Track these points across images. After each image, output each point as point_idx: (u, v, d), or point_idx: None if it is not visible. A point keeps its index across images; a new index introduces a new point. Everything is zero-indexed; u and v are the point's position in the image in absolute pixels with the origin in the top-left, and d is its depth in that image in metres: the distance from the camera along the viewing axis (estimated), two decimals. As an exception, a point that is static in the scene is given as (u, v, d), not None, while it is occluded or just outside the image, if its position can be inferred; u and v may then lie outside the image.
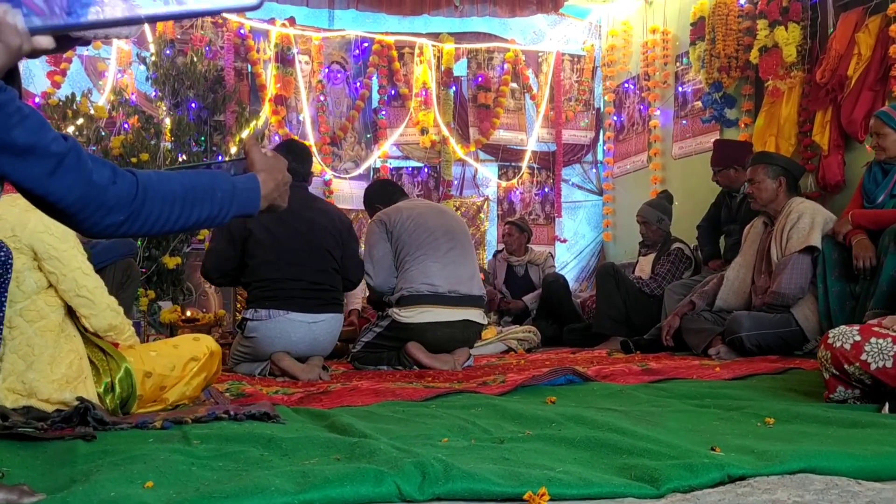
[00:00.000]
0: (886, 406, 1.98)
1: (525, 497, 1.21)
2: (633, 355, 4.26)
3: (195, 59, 5.91)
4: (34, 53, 1.14)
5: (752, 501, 1.17)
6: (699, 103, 6.20)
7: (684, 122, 6.56)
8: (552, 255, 6.81)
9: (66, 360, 2.04)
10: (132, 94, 6.05)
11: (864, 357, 2.03)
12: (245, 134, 6.05)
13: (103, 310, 2.13)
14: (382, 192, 4.28)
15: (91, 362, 2.12)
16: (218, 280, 3.82)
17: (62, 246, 2.06)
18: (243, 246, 3.55)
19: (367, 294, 4.21)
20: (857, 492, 1.22)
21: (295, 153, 3.71)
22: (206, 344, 2.40)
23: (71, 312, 2.13)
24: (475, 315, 3.91)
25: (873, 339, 2.03)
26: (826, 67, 4.70)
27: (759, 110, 5.42)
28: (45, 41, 1.12)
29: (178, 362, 2.28)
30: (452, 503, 1.23)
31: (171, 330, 4.66)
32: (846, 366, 2.07)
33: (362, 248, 4.11)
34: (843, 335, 2.09)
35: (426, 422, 2.00)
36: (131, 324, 2.29)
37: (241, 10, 1.72)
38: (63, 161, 1.16)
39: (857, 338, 2.05)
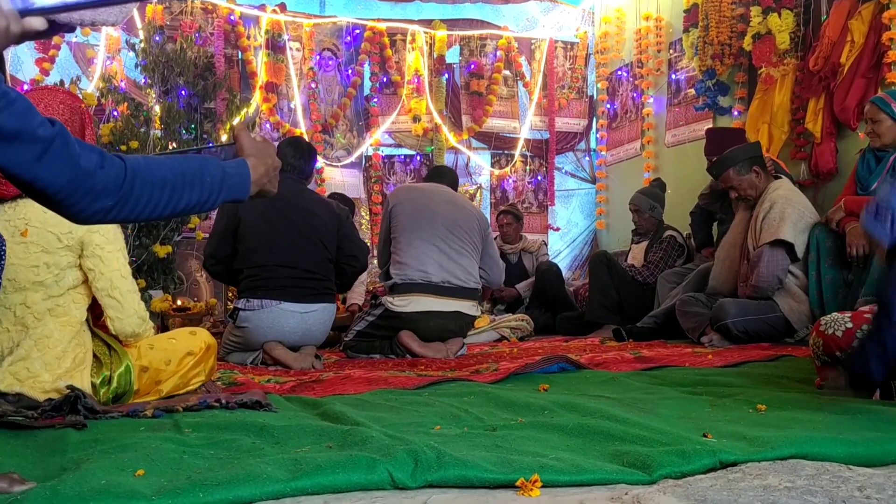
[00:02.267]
0: (878, 392, 1.99)
1: (517, 484, 1.20)
2: (626, 343, 4.27)
3: (185, 46, 5.86)
4: (25, 36, 1.12)
5: (744, 487, 1.18)
6: (692, 91, 6.19)
7: (677, 109, 6.56)
8: (545, 244, 6.81)
9: (72, 354, 2.07)
10: (121, 81, 6.01)
11: (855, 344, 2.03)
12: (236, 122, 6.01)
13: (130, 315, 2.15)
14: (432, 172, 4.47)
15: (94, 354, 2.14)
16: (213, 267, 3.73)
17: (108, 247, 2.11)
18: (234, 232, 3.54)
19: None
20: (848, 477, 1.23)
21: (300, 151, 3.78)
22: (202, 338, 2.40)
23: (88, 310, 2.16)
24: (467, 307, 3.89)
25: (865, 326, 2.03)
26: (819, 55, 4.69)
27: (752, 98, 5.42)
28: (37, 22, 1.11)
29: (174, 357, 2.28)
30: (445, 490, 1.22)
31: (162, 319, 4.64)
32: (838, 353, 2.08)
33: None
34: (835, 322, 2.10)
35: (419, 410, 2.00)
36: (153, 326, 2.31)
37: None
38: (50, 146, 1.15)
39: (849, 325, 2.06)
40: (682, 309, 4.17)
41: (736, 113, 5.67)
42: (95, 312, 2.20)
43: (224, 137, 5.85)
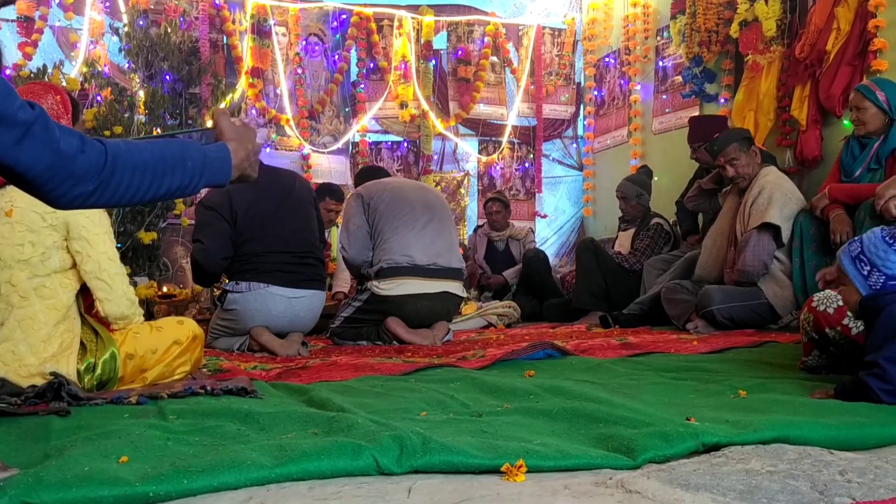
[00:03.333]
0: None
1: (503, 469, 1.21)
2: (612, 330, 4.29)
3: (169, 30, 5.80)
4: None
5: (727, 471, 1.19)
6: (679, 78, 6.19)
7: (664, 96, 6.56)
8: (532, 231, 6.81)
9: (59, 339, 2.06)
10: (105, 65, 5.94)
11: (845, 321, 2.07)
12: (221, 106, 5.96)
13: (119, 297, 2.16)
14: (368, 175, 4.31)
15: (80, 341, 2.13)
16: (222, 264, 3.53)
17: (95, 229, 2.12)
18: (234, 224, 3.49)
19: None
20: (830, 461, 1.24)
21: None
22: (189, 327, 2.40)
23: (77, 295, 2.15)
24: (454, 287, 3.91)
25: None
26: (805, 42, 4.70)
27: (738, 85, 5.43)
28: None
29: (160, 345, 2.27)
30: (430, 476, 1.23)
31: (148, 306, 4.61)
32: (827, 329, 2.11)
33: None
34: (828, 299, 2.14)
35: (405, 396, 2.01)
36: (142, 314, 2.30)
37: None
38: (30, 130, 1.13)
39: (840, 303, 2.09)
40: (668, 296, 4.19)
41: (722, 100, 5.68)
42: (87, 302, 2.19)
43: (210, 123, 5.80)
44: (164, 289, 4.88)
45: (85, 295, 2.18)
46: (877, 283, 1.76)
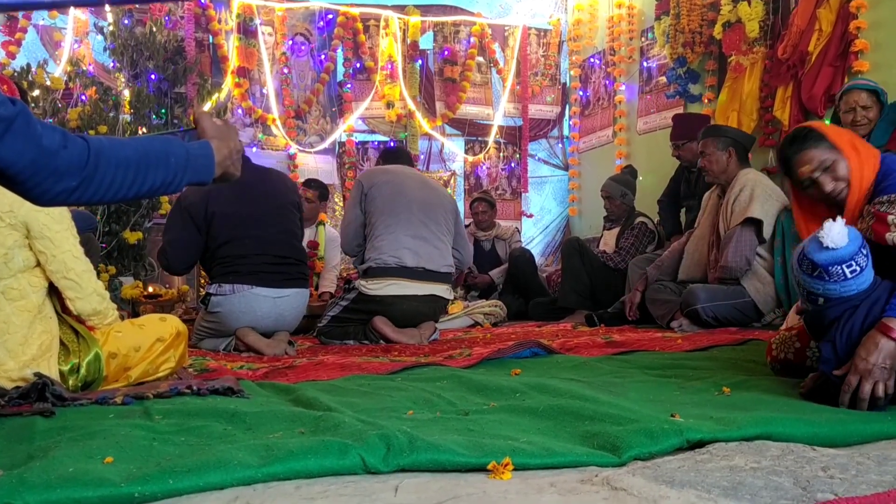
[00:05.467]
0: None
1: (489, 467, 1.21)
2: (598, 328, 4.31)
3: (154, 30, 5.76)
4: None
5: (711, 468, 1.20)
6: (664, 78, 6.23)
7: (649, 97, 6.60)
8: (518, 230, 6.83)
9: (37, 341, 2.02)
10: (89, 64, 5.90)
11: (808, 353, 2.08)
12: (207, 107, 5.94)
13: (89, 294, 2.11)
14: (389, 154, 4.33)
15: (62, 342, 2.09)
16: (184, 271, 3.77)
17: (56, 227, 2.05)
18: (208, 230, 3.47)
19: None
20: (813, 457, 1.25)
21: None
22: (172, 324, 2.37)
23: (50, 293, 2.10)
24: (441, 290, 3.91)
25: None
26: (787, 43, 4.74)
27: (722, 85, 5.47)
28: None
29: (143, 343, 2.25)
30: (417, 474, 1.23)
31: (133, 306, 4.58)
32: (798, 363, 2.13)
33: None
34: (784, 344, 2.16)
35: (392, 394, 2.01)
36: (115, 308, 2.26)
37: None
38: (11, 125, 1.12)
39: (798, 344, 2.11)
40: (652, 296, 4.21)
41: (706, 101, 5.72)
42: (63, 301, 2.16)
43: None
44: (150, 289, 4.84)
45: (58, 294, 2.13)
46: (803, 292, 1.79)
